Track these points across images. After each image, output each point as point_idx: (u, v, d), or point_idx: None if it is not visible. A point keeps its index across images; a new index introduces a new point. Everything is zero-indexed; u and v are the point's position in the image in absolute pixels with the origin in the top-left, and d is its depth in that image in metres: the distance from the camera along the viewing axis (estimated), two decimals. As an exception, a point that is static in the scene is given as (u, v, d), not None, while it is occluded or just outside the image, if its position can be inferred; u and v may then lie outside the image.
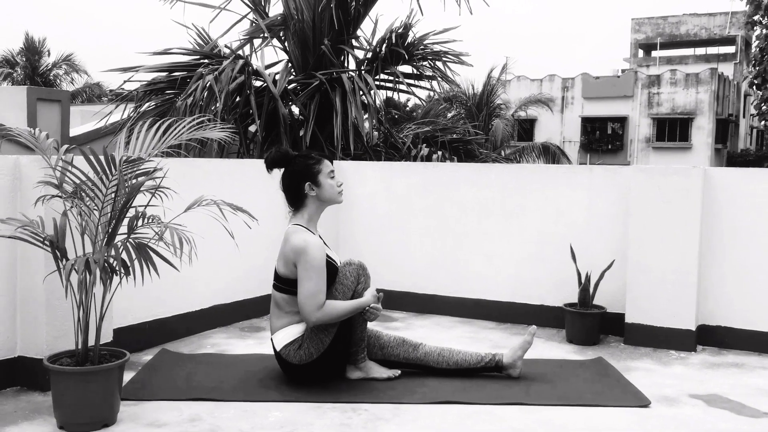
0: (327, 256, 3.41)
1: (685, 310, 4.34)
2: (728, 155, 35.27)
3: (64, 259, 2.94)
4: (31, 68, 30.33)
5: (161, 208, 3.19)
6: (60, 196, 3.00)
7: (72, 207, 3.00)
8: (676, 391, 3.57)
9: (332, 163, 3.57)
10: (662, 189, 4.37)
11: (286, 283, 3.39)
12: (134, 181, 2.89)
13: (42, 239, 2.94)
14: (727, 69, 36.92)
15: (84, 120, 11.11)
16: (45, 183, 3.03)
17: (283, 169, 3.51)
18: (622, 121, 34.00)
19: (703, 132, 32.92)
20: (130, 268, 2.83)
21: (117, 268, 2.84)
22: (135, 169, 2.85)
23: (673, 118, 33.33)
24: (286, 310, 3.40)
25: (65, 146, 3.10)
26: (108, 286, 2.95)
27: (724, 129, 34.86)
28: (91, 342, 2.99)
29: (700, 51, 40.91)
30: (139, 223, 2.93)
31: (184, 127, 3.07)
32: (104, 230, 2.93)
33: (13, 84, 29.63)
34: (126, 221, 2.95)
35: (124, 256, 2.88)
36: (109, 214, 2.92)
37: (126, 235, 2.94)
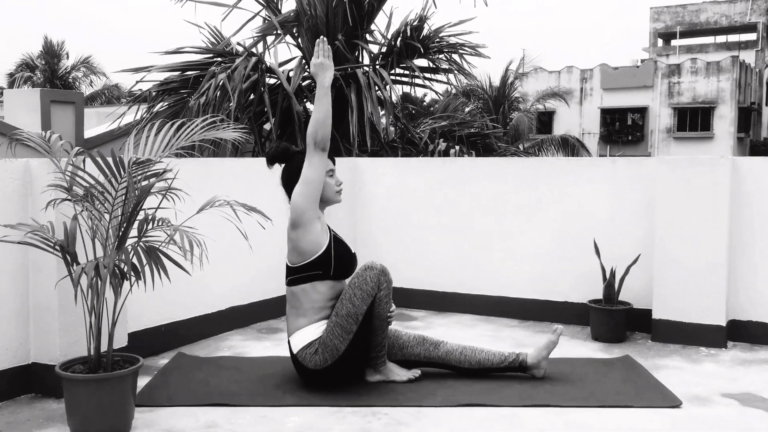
0: (336, 236, 3.41)
1: (714, 305, 4.20)
2: (751, 144, 34.70)
3: (74, 264, 2.88)
4: (51, 71, 30.62)
5: (173, 210, 3.12)
6: (70, 200, 2.94)
7: (82, 210, 2.94)
8: (708, 390, 3.44)
9: (334, 162, 3.50)
10: (688, 180, 4.23)
11: (300, 271, 3.30)
12: (144, 183, 2.82)
13: (53, 244, 2.89)
14: (748, 56, 36.30)
15: (100, 122, 11.09)
16: (55, 186, 2.97)
17: (283, 165, 3.45)
18: (642, 111, 33.56)
19: (725, 121, 32.41)
20: (141, 273, 2.76)
21: (127, 273, 2.77)
22: (145, 171, 2.77)
23: (695, 108, 32.84)
24: (306, 306, 3.31)
25: (76, 149, 3.04)
26: (119, 292, 2.88)
27: (747, 117, 34.29)
28: (104, 348, 2.92)
29: (721, 39, 40.26)
30: (150, 226, 2.85)
31: (196, 127, 2.99)
32: (115, 234, 2.87)
33: (33, 87, 29.90)
34: (136, 224, 2.88)
35: (135, 260, 2.80)
36: (119, 218, 2.85)
37: (137, 239, 2.87)
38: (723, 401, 3.28)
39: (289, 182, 3.40)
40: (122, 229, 2.80)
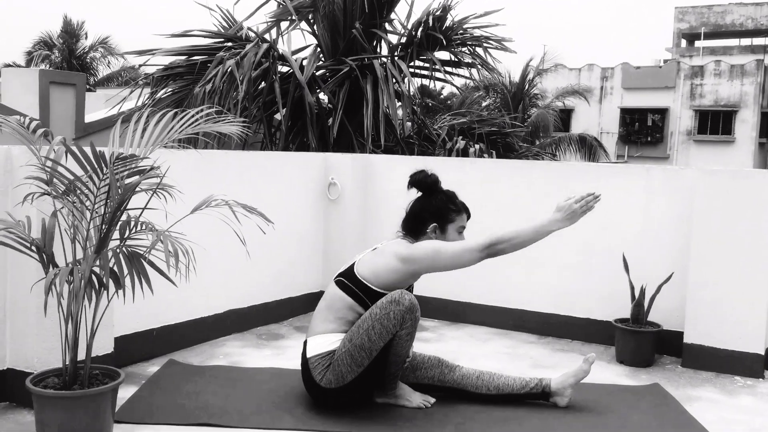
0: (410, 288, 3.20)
1: (753, 331, 3.85)
2: (773, 150, 34.03)
3: (51, 266, 2.59)
4: (68, 51, 30.41)
5: (165, 208, 2.82)
6: (49, 194, 2.64)
7: (62, 207, 2.64)
8: (747, 429, 3.11)
9: (468, 219, 3.31)
10: (731, 194, 3.88)
11: (358, 286, 3.01)
12: (129, 181, 2.51)
13: (28, 244, 2.59)
14: (774, 60, 35.53)
15: (109, 104, 10.81)
16: (34, 179, 2.68)
17: (420, 194, 3.24)
18: (662, 112, 32.96)
19: (747, 125, 31.78)
20: (122, 282, 2.45)
21: (105, 281, 2.47)
22: (129, 167, 2.46)
23: (716, 111, 32.21)
24: (339, 315, 3.01)
25: (58, 138, 2.74)
26: (98, 301, 2.58)
27: (770, 122, 33.62)
28: (83, 357, 2.63)
29: (746, 41, 39.50)
30: (134, 230, 2.55)
31: (190, 119, 2.67)
32: (96, 234, 2.57)
33: (51, 66, 29.73)
34: (119, 226, 2.58)
35: (116, 266, 2.50)
36: (101, 217, 2.55)
37: (119, 242, 2.56)
38: (766, 445, 2.95)
39: (417, 214, 3.21)
40: (103, 231, 2.50)
